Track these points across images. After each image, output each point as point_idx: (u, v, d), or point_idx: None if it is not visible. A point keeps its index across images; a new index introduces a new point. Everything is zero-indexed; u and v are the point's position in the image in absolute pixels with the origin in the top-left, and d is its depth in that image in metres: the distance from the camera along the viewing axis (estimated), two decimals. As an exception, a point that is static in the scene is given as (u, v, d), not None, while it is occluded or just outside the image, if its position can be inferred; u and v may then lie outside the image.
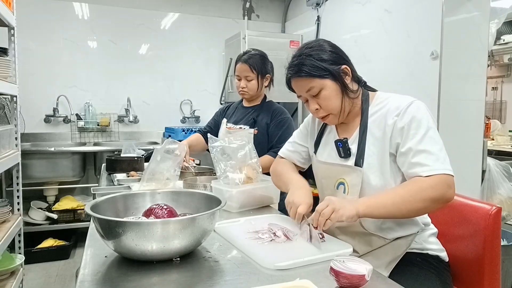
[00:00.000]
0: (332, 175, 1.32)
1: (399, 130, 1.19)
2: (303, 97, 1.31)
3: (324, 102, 1.26)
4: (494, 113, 4.58)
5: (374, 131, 1.25)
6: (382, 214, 1.12)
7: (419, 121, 1.17)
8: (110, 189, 1.73)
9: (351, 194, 1.25)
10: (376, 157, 1.22)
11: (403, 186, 1.15)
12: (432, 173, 1.11)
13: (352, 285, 0.85)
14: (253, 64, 2.10)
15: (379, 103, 1.28)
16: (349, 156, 1.28)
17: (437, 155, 1.13)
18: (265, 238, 1.12)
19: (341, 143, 1.30)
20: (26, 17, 3.51)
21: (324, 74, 1.23)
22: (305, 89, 1.27)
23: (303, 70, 1.24)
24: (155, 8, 4.12)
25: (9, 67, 2.23)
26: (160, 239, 0.90)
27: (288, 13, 4.58)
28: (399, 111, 1.20)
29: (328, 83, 1.24)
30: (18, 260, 2.29)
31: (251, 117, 2.15)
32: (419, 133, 1.16)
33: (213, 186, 1.53)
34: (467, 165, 2.53)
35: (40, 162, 3.30)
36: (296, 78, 1.28)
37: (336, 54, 1.27)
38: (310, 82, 1.24)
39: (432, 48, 2.46)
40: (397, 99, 1.25)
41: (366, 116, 1.27)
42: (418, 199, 1.10)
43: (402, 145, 1.18)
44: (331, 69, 1.24)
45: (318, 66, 1.23)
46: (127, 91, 4.03)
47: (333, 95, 1.25)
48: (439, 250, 1.30)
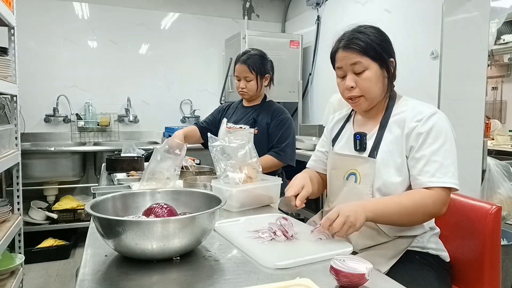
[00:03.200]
0: (343, 166, 1.34)
1: (417, 135, 1.21)
2: (342, 71, 1.29)
3: (363, 83, 1.26)
4: (494, 113, 4.58)
5: (393, 130, 1.26)
6: (385, 222, 1.19)
7: (439, 131, 1.19)
8: (110, 188, 1.73)
9: (363, 184, 1.26)
10: (391, 153, 1.24)
11: (410, 197, 1.16)
12: (437, 185, 1.15)
13: (352, 283, 0.85)
14: (251, 65, 2.10)
15: (404, 105, 1.30)
16: (364, 150, 1.30)
17: (448, 169, 1.16)
18: (265, 237, 1.12)
19: (359, 135, 1.31)
20: (26, 16, 3.52)
21: (375, 56, 1.24)
22: (350, 62, 1.26)
23: (357, 43, 1.23)
24: (155, 8, 4.12)
25: (9, 66, 2.23)
26: (160, 238, 0.90)
27: (288, 13, 4.58)
28: (421, 117, 1.22)
29: (375, 66, 1.25)
30: (18, 260, 2.29)
31: (251, 117, 2.15)
32: (437, 143, 1.18)
33: (213, 185, 1.52)
34: (467, 165, 2.53)
35: (40, 162, 3.30)
36: (347, 49, 1.26)
37: (390, 45, 1.29)
38: (359, 57, 1.24)
39: (432, 48, 2.46)
40: (422, 106, 1.27)
41: (389, 113, 1.29)
42: (420, 213, 1.16)
43: (417, 150, 1.20)
44: (383, 55, 1.25)
45: (373, 46, 1.24)
46: (127, 91, 4.03)
47: (374, 80, 1.25)
48: (440, 250, 1.30)
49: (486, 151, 2.59)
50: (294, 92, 3.92)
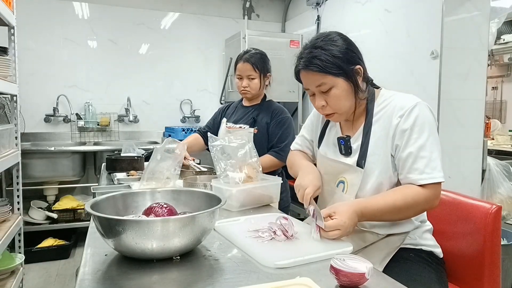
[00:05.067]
0: (334, 172, 1.33)
1: (401, 132, 1.19)
2: (310, 91, 1.27)
3: (332, 101, 1.22)
4: (494, 112, 4.58)
5: (377, 131, 1.24)
6: (376, 220, 1.21)
7: (422, 124, 1.17)
8: (110, 188, 1.73)
9: (349, 194, 1.26)
10: (377, 156, 1.23)
11: (403, 197, 1.15)
12: (429, 181, 1.14)
13: (352, 283, 0.85)
14: (255, 63, 2.10)
15: (383, 101, 1.27)
16: (350, 154, 1.28)
17: (436, 162, 1.16)
18: (265, 236, 1.12)
19: (343, 140, 1.30)
20: (26, 16, 3.52)
21: (338, 72, 1.18)
22: (315, 84, 1.22)
23: (316, 64, 1.17)
24: (155, 7, 4.12)
25: (9, 66, 2.23)
26: (160, 237, 0.90)
27: (288, 13, 4.58)
28: (403, 112, 1.19)
29: (341, 82, 1.20)
30: (18, 260, 2.29)
31: (251, 117, 2.15)
32: (422, 137, 1.16)
33: (213, 185, 1.52)
34: (467, 165, 2.53)
35: (40, 162, 3.30)
36: (307, 70, 1.21)
37: (352, 53, 1.21)
38: (322, 77, 1.19)
39: (432, 48, 2.46)
40: (401, 98, 1.23)
41: (371, 115, 1.26)
42: (411, 211, 1.18)
43: (403, 148, 1.18)
44: (345, 68, 1.19)
45: (333, 62, 1.17)
46: (127, 90, 4.03)
47: (343, 95, 1.21)
48: (434, 246, 1.30)
49: (486, 151, 2.59)
50: (294, 92, 3.92)
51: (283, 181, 1.84)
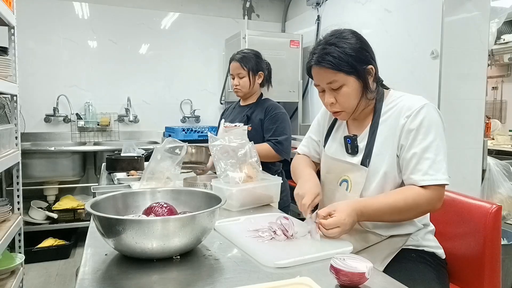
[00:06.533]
0: (337, 171, 1.33)
1: (407, 132, 1.19)
2: (320, 88, 1.27)
3: (342, 99, 1.22)
4: (494, 112, 4.58)
5: (384, 131, 1.24)
6: (376, 220, 1.20)
7: (429, 126, 1.17)
8: (110, 188, 1.73)
9: (353, 192, 1.25)
10: (383, 156, 1.22)
11: (403, 198, 1.15)
12: (431, 183, 1.14)
13: (352, 282, 0.85)
14: (242, 61, 2.14)
15: (391, 102, 1.27)
16: (356, 153, 1.28)
17: (440, 164, 1.15)
18: (265, 236, 1.12)
19: (350, 139, 1.30)
20: (26, 16, 3.52)
21: (349, 70, 1.18)
22: (326, 81, 1.22)
23: (328, 60, 1.17)
24: (155, 7, 4.12)
25: (9, 66, 2.23)
26: (160, 237, 0.90)
27: (288, 13, 4.58)
28: (410, 112, 1.19)
29: (352, 80, 1.20)
30: (18, 260, 2.29)
31: (245, 114, 2.16)
32: (428, 139, 1.16)
33: (213, 185, 1.52)
34: (467, 165, 2.53)
35: (40, 162, 3.30)
36: (320, 66, 1.20)
37: (366, 52, 1.22)
38: (334, 75, 1.19)
39: (432, 48, 2.46)
40: (410, 99, 1.24)
41: (379, 115, 1.26)
42: (412, 212, 1.17)
43: (408, 149, 1.18)
44: (358, 67, 1.19)
45: (345, 60, 1.17)
46: (127, 90, 4.03)
47: (353, 94, 1.21)
48: (436, 247, 1.30)
49: (486, 151, 2.59)
50: (294, 92, 3.92)
51: (283, 181, 1.84)
